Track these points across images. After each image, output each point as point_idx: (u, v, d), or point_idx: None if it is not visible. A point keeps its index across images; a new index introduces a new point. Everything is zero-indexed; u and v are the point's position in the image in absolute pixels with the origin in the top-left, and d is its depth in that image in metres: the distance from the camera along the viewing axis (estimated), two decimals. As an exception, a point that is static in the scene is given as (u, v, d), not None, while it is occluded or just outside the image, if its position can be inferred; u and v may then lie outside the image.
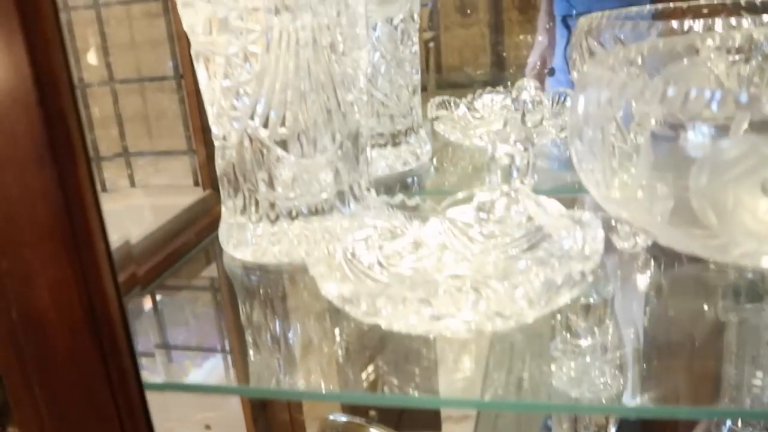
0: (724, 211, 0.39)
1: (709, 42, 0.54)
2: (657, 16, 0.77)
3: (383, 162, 0.69)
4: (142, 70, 0.86)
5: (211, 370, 0.49)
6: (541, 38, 1.34)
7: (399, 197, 0.53)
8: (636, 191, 0.43)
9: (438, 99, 0.79)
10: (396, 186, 0.69)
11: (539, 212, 0.51)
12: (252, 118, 0.52)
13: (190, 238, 0.60)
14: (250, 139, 0.52)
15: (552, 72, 1.32)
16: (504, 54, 2.67)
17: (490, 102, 0.82)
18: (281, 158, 0.52)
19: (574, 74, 0.69)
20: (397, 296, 0.41)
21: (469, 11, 2.40)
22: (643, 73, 0.55)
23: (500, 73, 2.64)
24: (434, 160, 0.75)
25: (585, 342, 0.49)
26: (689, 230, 0.41)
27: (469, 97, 0.82)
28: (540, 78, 1.32)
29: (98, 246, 0.36)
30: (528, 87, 0.69)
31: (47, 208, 0.35)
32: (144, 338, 0.51)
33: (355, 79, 0.54)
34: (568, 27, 1.26)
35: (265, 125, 0.52)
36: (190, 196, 0.73)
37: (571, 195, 0.63)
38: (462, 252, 0.52)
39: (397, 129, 0.70)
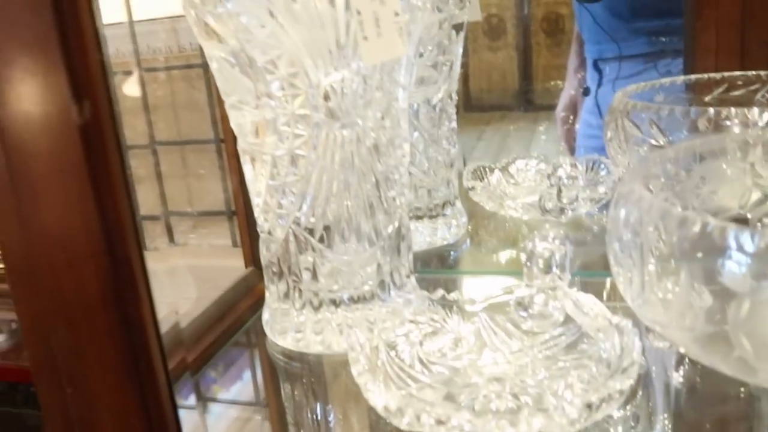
0: (761, 344, 0.40)
1: (745, 141, 0.55)
2: (690, 87, 0.78)
3: (420, 237, 0.71)
4: (182, 132, 0.88)
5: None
6: (570, 82, 1.35)
7: (440, 292, 0.55)
8: (671, 311, 0.44)
9: (472, 166, 0.80)
10: (433, 260, 0.70)
11: (577, 312, 0.53)
12: (298, 216, 0.53)
13: (235, 321, 0.62)
14: (295, 236, 0.54)
15: (587, 92, 1.33)
16: (532, 77, 2.67)
17: (524, 166, 0.83)
18: (325, 255, 0.54)
19: (611, 154, 0.69)
20: (441, 415, 0.42)
21: (497, 35, 2.41)
22: (678, 169, 0.56)
23: (528, 96, 2.65)
24: (471, 230, 0.76)
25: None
26: (722, 353, 0.42)
27: (504, 161, 0.83)
28: (568, 116, 1.33)
29: (159, 378, 0.38)
30: (563, 164, 0.70)
31: (113, 344, 0.37)
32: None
33: (398, 176, 0.55)
34: (599, 70, 1.27)
35: (310, 223, 0.53)
36: (229, 258, 0.74)
37: (602, 278, 0.65)
38: (501, 349, 0.53)
39: (434, 203, 0.72)
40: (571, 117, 1.29)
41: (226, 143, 0.77)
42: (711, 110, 0.62)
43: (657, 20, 1.20)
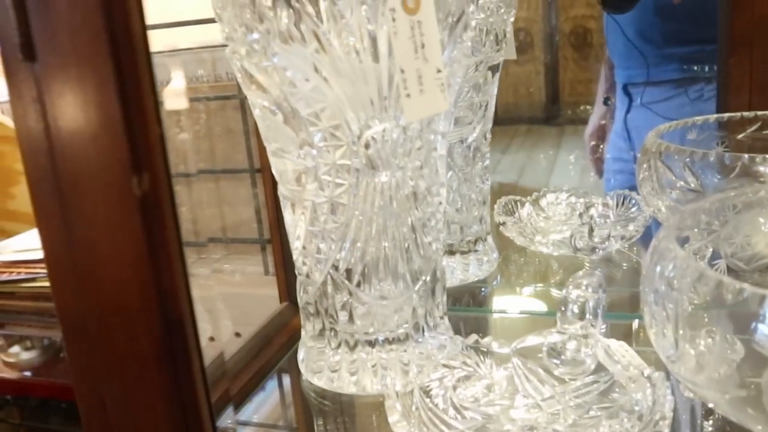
0: (795, 410, 0.40)
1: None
2: (723, 125, 0.78)
3: (452, 273, 0.72)
4: (217, 160, 0.90)
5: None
6: (599, 106, 1.35)
7: (473, 337, 0.56)
8: (704, 365, 0.44)
9: (504, 200, 0.81)
10: (464, 296, 0.71)
11: (609, 361, 0.53)
12: (336, 261, 0.54)
13: (271, 357, 0.64)
14: (333, 280, 0.55)
15: (607, 101, 1.33)
16: (559, 91, 2.68)
17: (555, 200, 0.84)
18: (362, 299, 0.55)
19: (642, 194, 0.70)
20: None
21: (524, 49, 2.42)
22: (712, 219, 0.57)
23: (555, 111, 2.65)
24: (501, 265, 0.77)
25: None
26: (754, 416, 0.43)
27: (534, 195, 0.84)
28: (599, 143, 1.33)
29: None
30: (596, 203, 0.71)
31: (163, 400, 0.38)
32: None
33: (435, 221, 0.56)
34: (629, 94, 1.27)
35: (348, 269, 0.54)
36: (262, 287, 0.76)
37: (630, 320, 0.65)
38: (533, 395, 0.54)
39: (466, 239, 0.73)
40: (601, 146, 1.29)
41: (263, 173, 0.78)
42: (745, 156, 0.62)
43: (688, 47, 1.20)
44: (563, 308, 0.56)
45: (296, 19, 0.47)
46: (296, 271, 0.58)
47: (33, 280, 1.05)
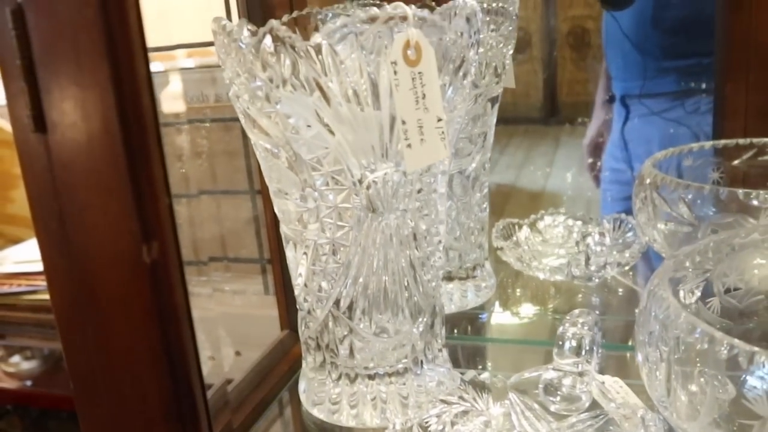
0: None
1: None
2: (719, 151, 0.79)
3: (449, 300, 0.73)
4: (217, 180, 0.91)
5: None
6: (597, 117, 1.36)
7: (471, 373, 0.57)
8: (699, 420, 0.46)
9: (501, 223, 0.82)
10: (462, 322, 0.72)
11: (603, 399, 0.55)
12: (337, 300, 0.55)
13: (273, 387, 0.65)
14: (334, 317, 0.56)
15: (612, 99, 1.34)
16: (557, 91, 2.68)
17: (552, 222, 0.85)
18: (363, 336, 0.56)
19: (639, 222, 0.71)
20: None
21: (522, 48, 2.42)
22: (706, 260, 0.58)
23: (552, 110, 2.65)
24: (499, 290, 0.78)
25: None
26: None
27: (531, 217, 0.85)
28: (597, 153, 1.34)
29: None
30: (593, 233, 0.72)
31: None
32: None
33: (434, 260, 0.57)
34: (626, 106, 1.28)
35: (350, 305, 0.55)
36: (262, 308, 0.76)
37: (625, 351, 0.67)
38: (529, 432, 0.55)
39: (465, 266, 0.74)
40: (598, 163, 1.30)
41: (262, 195, 0.79)
42: (740, 191, 0.63)
43: (686, 60, 1.21)
44: (560, 343, 0.57)
45: (298, 67, 0.48)
46: (298, 306, 0.59)
47: (33, 292, 1.06)
